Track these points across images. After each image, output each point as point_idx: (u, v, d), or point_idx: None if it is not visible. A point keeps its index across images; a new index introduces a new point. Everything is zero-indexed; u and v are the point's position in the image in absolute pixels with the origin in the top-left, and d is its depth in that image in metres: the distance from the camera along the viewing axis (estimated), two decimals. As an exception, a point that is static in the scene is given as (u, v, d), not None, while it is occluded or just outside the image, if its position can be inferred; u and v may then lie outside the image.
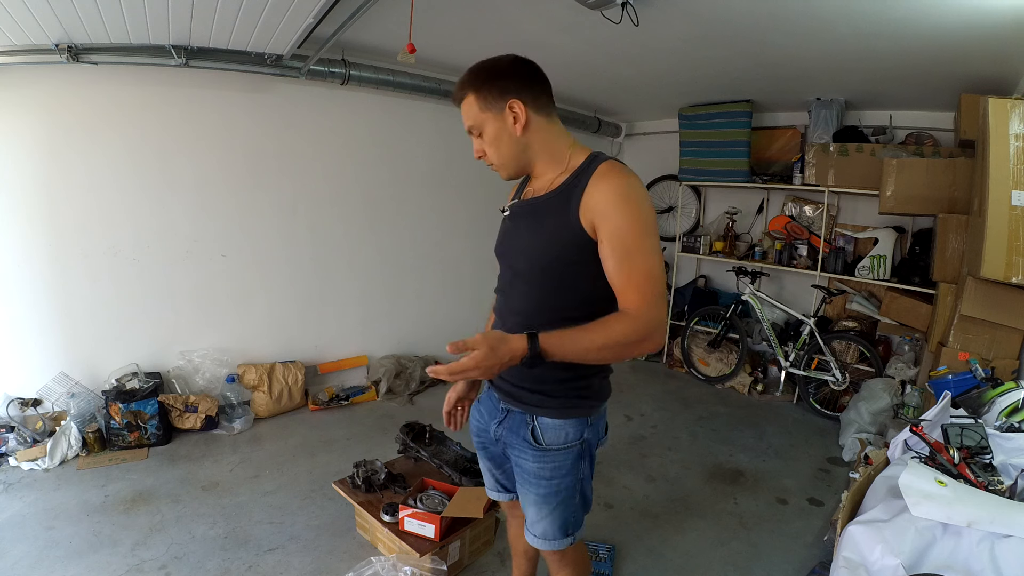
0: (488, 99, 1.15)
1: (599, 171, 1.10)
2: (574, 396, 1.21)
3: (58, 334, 2.90)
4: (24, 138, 2.67)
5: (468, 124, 1.20)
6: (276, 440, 3.10)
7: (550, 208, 1.14)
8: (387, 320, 4.08)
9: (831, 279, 4.13)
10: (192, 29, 2.46)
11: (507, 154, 1.18)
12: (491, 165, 1.23)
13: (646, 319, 1.03)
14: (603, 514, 2.49)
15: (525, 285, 1.20)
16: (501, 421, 1.30)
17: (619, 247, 1.05)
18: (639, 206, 1.06)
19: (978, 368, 2.29)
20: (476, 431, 1.41)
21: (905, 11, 2.30)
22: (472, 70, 1.18)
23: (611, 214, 1.05)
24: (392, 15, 2.59)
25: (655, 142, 5.37)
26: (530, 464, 1.24)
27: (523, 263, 1.20)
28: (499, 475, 1.44)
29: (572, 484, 1.25)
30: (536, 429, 1.22)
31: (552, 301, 1.16)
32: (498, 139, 1.17)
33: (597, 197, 1.07)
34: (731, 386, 4.28)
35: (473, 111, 1.17)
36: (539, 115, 1.17)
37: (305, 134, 3.48)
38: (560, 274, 1.14)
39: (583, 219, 1.08)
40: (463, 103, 1.19)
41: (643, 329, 1.03)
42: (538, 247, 1.16)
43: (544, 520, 1.27)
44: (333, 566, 2.04)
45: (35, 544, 2.09)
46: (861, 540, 1.33)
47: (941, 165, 3.30)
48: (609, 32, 2.65)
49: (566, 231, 1.10)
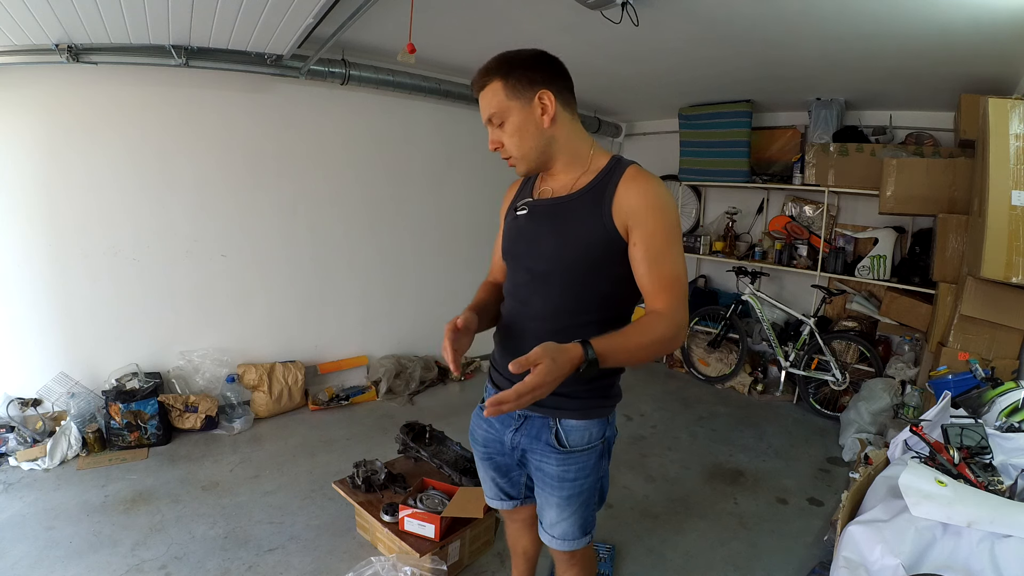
0: (517, 87, 1.12)
1: (629, 174, 1.10)
2: (598, 396, 1.20)
3: (58, 334, 2.90)
4: (24, 138, 2.67)
5: (490, 112, 1.15)
6: (276, 440, 3.10)
7: (578, 208, 1.13)
8: (387, 320, 4.08)
9: (831, 279, 4.13)
10: (192, 29, 2.46)
11: (530, 146, 1.15)
12: (508, 158, 1.19)
13: (678, 320, 1.06)
14: (603, 514, 2.45)
15: (547, 287, 1.17)
16: (518, 428, 1.26)
17: (652, 250, 1.07)
18: (671, 212, 1.09)
19: (978, 368, 2.29)
20: (483, 442, 1.37)
21: (905, 11, 2.30)
22: (500, 57, 1.14)
23: (646, 218, 1.07)
24: (392, 15, 2.59)
25: (655, 142, 5.37)
26: (553, 468, 1.22)
27: (545, 264, 1.17)
28: (503, 483, 1.41)
29: (594, 483, 1.26)
30: (560, 432, 1.20)
31: (574, 303, 1.15)
32: (523, 129, 1.13)
33: (632, 200, 1.08)
34: (731, 386, 4.28)
35: (498, 98, 1.13)
36: (565, 111, 1.16)
37: (305, 134, 3.48)
38: (583, 275, 1.13)
39: (616, 220, 1.09)
40: (486, 89, 1.14)
41: (675, 328, 1.06)
42: (567, 248, 1.14)
43: (565, 521, 1.27)
44: (333, 566, 2.04)
45: (35, 544, 2.09)
46: (861, 540, 1.33)
47: (941, 165, 3.30)
48: (609, 32, 2.65)
49: (598, 232, 1.10)
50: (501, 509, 1.49)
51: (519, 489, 1.42)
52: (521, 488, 1.41)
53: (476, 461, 1.45)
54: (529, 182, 1.30)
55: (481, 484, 1.49)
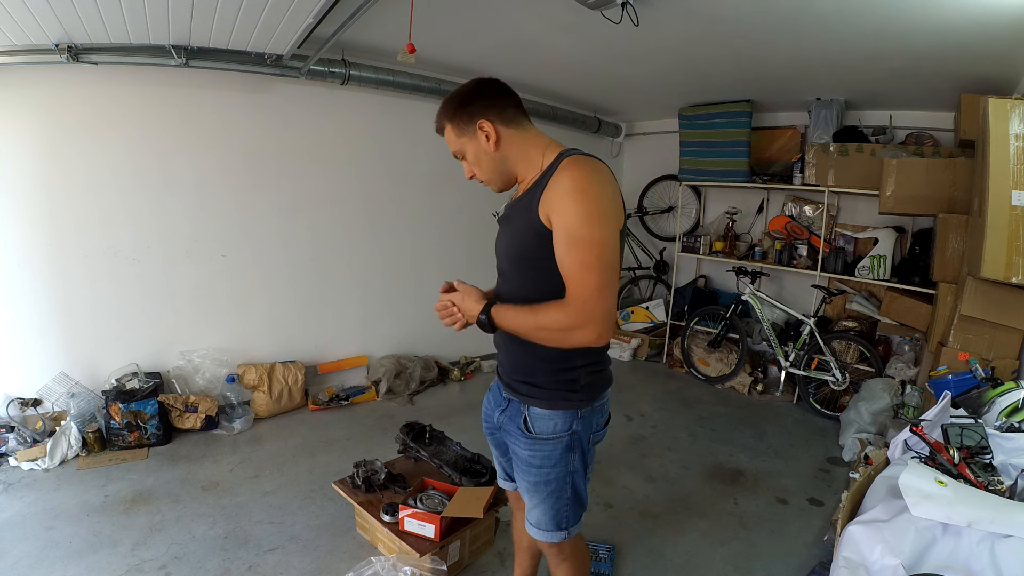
0: (461, 125, 1.24)
1: (561, 165, 1.14)
2: (562, 389, 1.26)
3: (58, 334, 2.90)
4: (24, 138, 2.67)
5: (452, 151, 1.30)
6: (276, 440, 3.10)
7: (521, 208, 1.22)
8: (387, 320, 4.08)
9: (831, 279, 4.13)
10: (192, 29, 2.46)
11: (489, 169, 1.28)
12: (483, 182, 1.33)
13: (580, 308, 1.08)
14: (603, 514, 2.49)
15: (506, 284, 1.32)
16: (504, 410, 1.38)
17: (565, 236, 1.09)
18: (590, 194, 1.09)
19: (978, 368, 2.29)
20: (485, 417, 1.49)
21: (905, 11, 2.30)
22: (443, 102, 1.29)
23: (561, 204, 1.09)
24: (392, 15, 2.59)
25: (655, 142, 5.37)
26: (523, 451, 1.32)
27: (504, 263, 1.32)
28: (505, 463, 1.51)
29: (561, 476, 1.30)
30: (528, 419, 1.30)
31: (526, 293, 1.22)
32: (479, 158, 1.26)
33: (554, 189, 1.12)
34: (731, 386, 4.28)
35: (452, 138, 1.28)
36: (509, 128, 1.24)
37: (305, 134, 3.48)
38: (527, 270, 1.23)
39: (541, 212, 1.13)
40: (445, 133, 1.29)
41: (576, 318, 1.08)
42: (513, 246, 1.26)
43: (537, 508, 1.35)
44: (333, 566, 2.04)
45: (35, 544, 2.09)
46: (861, 540, 1.33)
47: (941, 165, 3.30)
48: (609, 32, 2.65)
49: (530, 227, 1.16)
50: (509, 494, 1.59)
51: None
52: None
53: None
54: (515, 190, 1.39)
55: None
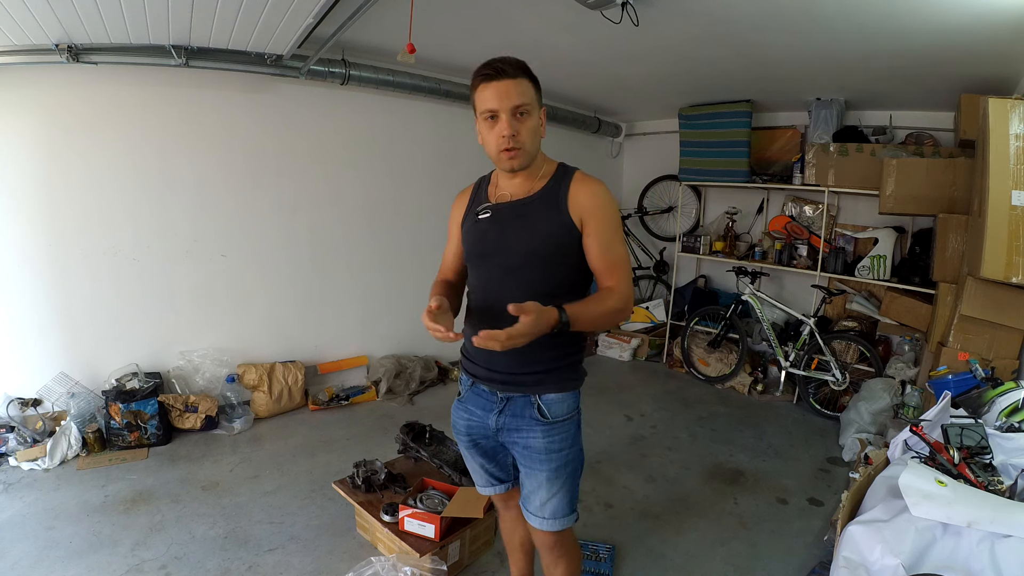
0: (538, 96, 1.30)
1: (578, 177, 1.32)
2: (569, 371, 1.36)
3: (58, 334, 2.90)
4: (24, 138, 2.67)
5: (521, 102, 1.23)
6: (276, 440, 3.10)
7: (541, 208, 1.30)
8: (387, 320, 4.08)
9: (831, 279, 4.13)
10: (192, 29, 2.46)
11: (536, 146, 1.31)
12: (516, 149, 1.26)
13: (627, 294, 1.29)
14: (603, 514, 2.49)
15: (520, 278, 1.31)
16: (501, 410, 1.37)
17: (603, 238, 1.28)
18: (614, 207, 1.33)
19: (978, 368, 2.29)
20: (466, 430, 1.46)
21: (905, 10, 2.30)
22: (525, 64, 1.27)
23: (596, 212, 1.28)
24: (392, 15, 2.59)
25: (655, 142, 5.37)
26: (539, 441, 1.33)
27: (518, 258, 1.31)
28: (491, 467, 1.50)
29: (578, 454, 1.39)
30: (541, 406, 1.33)
31: (542, 289, 1.28)
32: (535, 131, 1.29)
33: (584, 198, 1.28)
34: (731, 386, 4.28)
35: (529, 95, 1.26)
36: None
37: (305, 134, 3.48)
38: (549, 264, 1.30)
39: (572, 215, 1.28)
40: (517, 81, 1.23)
41: (623, 301, 1.28)
42: (539, 244, 1.29)
43: (555, 497, 1.36)
44: (333, 566, 2.04)
45: (35, 544, 2.09)
46: (861, 540, 1.33)
47: (941, 165, 3.30)
48: (609, 32, 2.65)
49: (561, 226, 1.28)
50: (494, 495, 1.57)
51: (508, 471, 1.51)
52: (509, 470, 1.51)
53: (462, 452, 1.54)
54: (481, 190, 1.44)
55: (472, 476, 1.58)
